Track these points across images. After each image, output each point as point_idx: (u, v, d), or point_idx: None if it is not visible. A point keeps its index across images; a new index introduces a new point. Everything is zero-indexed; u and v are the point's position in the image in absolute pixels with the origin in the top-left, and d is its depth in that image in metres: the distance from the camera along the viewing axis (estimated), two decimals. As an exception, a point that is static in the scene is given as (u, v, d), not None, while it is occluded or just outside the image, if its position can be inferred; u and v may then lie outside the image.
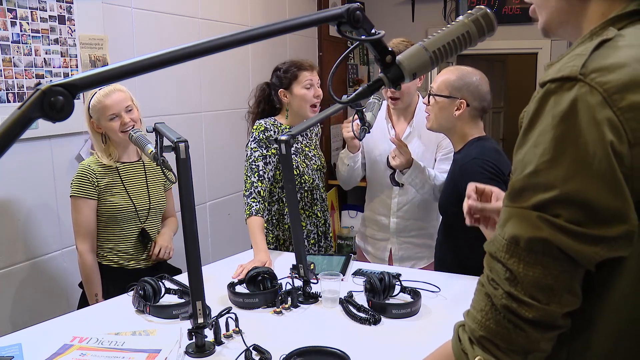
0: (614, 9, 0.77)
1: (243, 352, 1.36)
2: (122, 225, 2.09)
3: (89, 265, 2.03)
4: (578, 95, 0.68)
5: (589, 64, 0.69)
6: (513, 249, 0.72)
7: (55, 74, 2.23)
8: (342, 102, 1.01)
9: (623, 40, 0.72)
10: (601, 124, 0.67)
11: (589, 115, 0.67)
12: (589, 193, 0.67)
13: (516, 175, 0.73)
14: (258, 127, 2.25)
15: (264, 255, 2.03)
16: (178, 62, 0.75)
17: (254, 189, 2.18)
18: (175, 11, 2.86)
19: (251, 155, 2.23)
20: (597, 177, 0.67)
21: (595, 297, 0.73)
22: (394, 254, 2.42)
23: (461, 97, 1.89)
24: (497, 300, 0.73)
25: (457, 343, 0.80)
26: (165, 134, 1.49)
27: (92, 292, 2.03)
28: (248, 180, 2.21)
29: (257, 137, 2.23)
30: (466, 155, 1.89)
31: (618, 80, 0.68)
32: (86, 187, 2.01)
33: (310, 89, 2.25)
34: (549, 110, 0.70)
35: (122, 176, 2.09)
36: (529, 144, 0.72)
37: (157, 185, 2.21)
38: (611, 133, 0.67)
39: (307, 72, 2.25)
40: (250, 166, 2.22)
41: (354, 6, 0.85)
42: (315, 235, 2.37)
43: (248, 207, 2.16)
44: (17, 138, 0.64)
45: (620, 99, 0.67)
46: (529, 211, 0.71)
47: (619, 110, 0.67)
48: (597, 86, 0.67)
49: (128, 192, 2.09)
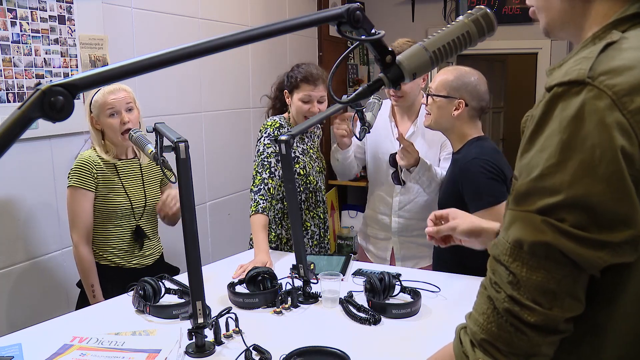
0: (615, 11, 0.77)
1: (243, 352, 1.36)
2: (117, 222, 2.08)
3: (84, 257, 2.02)
4: (586, 99, 0.67)
5: (597, 66, 0.69)
6: (516, 252, 0.72)
7: (55, 74, 2.23)
8: (342, 102, 1.01)
9: (627, 43, 0.72)
10: (610, 128, 0.66)
11: (597, 119, 0.67)
12: (594, 198, 0.67)
13: (521, 179, 0.73)
14: (273, 124, 2.22)
15: (265, 255, 2.02)
16: (178, 62, 0.75)
17: (263, 186, 2.15)
18: (175, 11, 2.86)
19: (264, 151, 2.19)
20: (603, 182, 0.67)
21: (602, 303, 0.73)
22: (396, 253, 2.42)
23: (459, 97, 1.89)
24: (499, 304, 0.73)
25: (458, 345, 0.79)
26: (165, 134, 1.49)
27: (88, 283, 2.02)
28: (258, 176, 2.17)
29: (272, 134, 2.20)
30: (466, 156, 1.89)
31: (627, 83, 0.67)
32: (85, 178, 2.00)
33: (306, 104, 2.20)
34: (557, 115, 0.69)
35: (120, 173, 2.09)
36: (536, 148, 0.72)
37: (153, 182, 2.20)
38: (621, 137, 0.66)
39: (308, 87, 2.20)
40: (262, 162, 2.18)
41: (354, 6, 0.85)
42: (318, 237, 2.37)
43: (255, 204, 2.12)
44: (17, 138, 0.64)
45: (629, 102, 0.67)
46: (533, 215, 0.70)
47: (629, 113, 0.67)
48: (605, 89, 0.67)
49: (125, 189, 2.08)
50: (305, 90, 2.20)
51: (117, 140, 2.05)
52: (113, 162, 2.07)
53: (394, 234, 2.41)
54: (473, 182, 1.83)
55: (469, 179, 1.85)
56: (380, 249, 2.48)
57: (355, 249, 4.26)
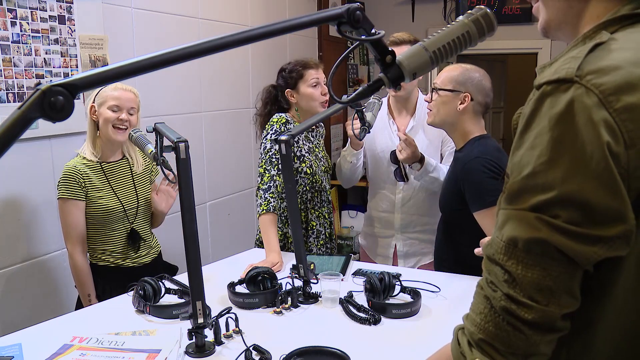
0: (608, 12, 0.78)
1: (243, 352, 1.36)
2: (111, 226, 2.07)
3: (80, 266, 2.02)
4: (574, 96, 0.68)
5: (585, 66, 0.70)
6: (511, 250, 0.72)
7: (55, 74, 2.23)
8: (342, 102, 1.01)
9: (616, 44, 0.73)
10: (598, 125, 0.67)
11: (586, 116, 0.67)
12: (587, 193, 0.67)
13: (513, 178, 0.73)
14: (279, 120, 2.20)
15: (276, 255, 2.01)
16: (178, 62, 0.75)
17: (272, 183, 2.13)
18: (175, 11, 2.86)
19: (271, 148, 2.16)
20: (595, 178, 0.67)
21: (595, 298, 0.73)
22: (399, 250, 2.42)
23: (465, 91, 1.89)
24: (496, 303, 0.73)
25: (456, 346, 0.79)
26: (165, 134, 1.49)
27: (84, 292, 2.02)
28: (267, 174, 2.14)
29: (278, 130, 2.17)
30: (468, 154, 1.89)
31: (613, 82, 0.68)
32: (73, 189, 1.98)
33: (316, 87, 2.23)
34: (546, 112, 0.70)
35: (108, 176, 2.07)
36: (525, 146, 0.72)
37: (144, 183, 2.18)
38: (608, 134, 0.67)
39: (312, 70, 2.24)
40: (269, 159, 2.16)
41: (354, 6, 0.85)
42: (324, 237, 2.36)
43: (265, 202, 2.09)
44: (17, 138, 0.64)
45: (615, 101, 0.68)
46: (527, 212, 0.71)
47: (615, 111, 0.67)
48: (593, 88, 0.68)
49: (115, 193, 2.07)
50: (311, 75, 2.23)
51: (107, 133, 2.01)
52: (100, 165, 2.05)
53: (397, 231, 2.41)
54: (474, 182, 1.83)
55: (470, 178, 1.84)
56: (383, 247, 2.48)
57: (355, 249, 4.26)
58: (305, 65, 2.25)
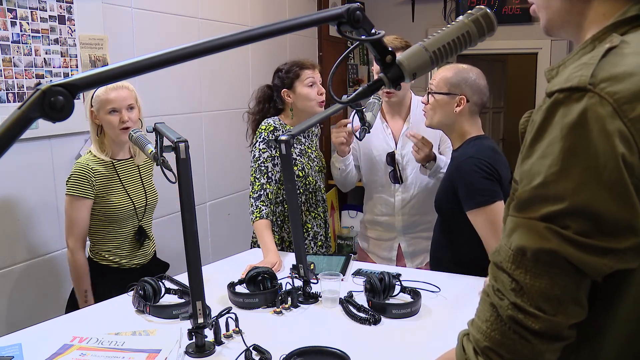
0: (615, 11, 0.76)
1: (243, 352, 1.36)
2: (120, 224, 2.08)
3: (80, 263, 2.02)
4: (588, 105, 0.67)
5: (598, 73, 0.68)
6: (519, 259, 0.71)
7: (55, 74, 2.23)
8: (342, 102, 1.01)
9: (628, 48, 0.71)
10: (612, 136, 0.66)
11: (600, 126, 0.66)
12: (599, 205, 0.66)
13: (523, 186, 0.72)
14: (267, 127, 2.21)
15: (274, 256, 2.02)
16: (178, 62, 0.75)
17: (263, 191, 2.16)
18: (175, 11, 2.86)
19: (260, 157, 2.19)
20: (607, 189, 0.66)
21: (602, 307, 0.73)
22: (404, 250, 2.42)
23: (460, 93, 1.90)
24: (502, 311, 0.72)
25: (461, 352, 0.79)
26: (165, 134, 1.49)
27: (82, 288, 2.03)
28: (257, 182, 2.17)
29: (267, 138, 2.19)
30: (463, 154, 1.90)
31: (628, 90, 0.67)
32: (83, 187, 1.99)
33: (312, 87, 2.24)
34: (558, 121, 0.69)
35: (120, 174, 2.08)
36: (537, 155, 0.71)
37: (151, 181, 2.21)
38: (622, 145, 0.66)
39: (308, 71, 2.25)
40: (259, 167, 2.18)
41: (354, 6, 0.85)
42: (321, 237, 2.37)
43: (257, 210, 2.13)
44: (17, 138, 0.64)
45: (630, 110, 0.66)
46: (536, 222, 0.70)
47: (630, 121, 0.66)
48: (607, 96, 0.67)
49: (127, 192, 2.08)
50: (307, 74, 2.24)
51: (114, 136, 2.04)
52: (112, 163, 2.06)
53: (399, 233, 2.41)
54: (466, 181, 1.83)
55: (463, 177, 1.85)
56: (384, 249, 2.47)
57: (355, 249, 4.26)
58: (302, 65, 2.26)
